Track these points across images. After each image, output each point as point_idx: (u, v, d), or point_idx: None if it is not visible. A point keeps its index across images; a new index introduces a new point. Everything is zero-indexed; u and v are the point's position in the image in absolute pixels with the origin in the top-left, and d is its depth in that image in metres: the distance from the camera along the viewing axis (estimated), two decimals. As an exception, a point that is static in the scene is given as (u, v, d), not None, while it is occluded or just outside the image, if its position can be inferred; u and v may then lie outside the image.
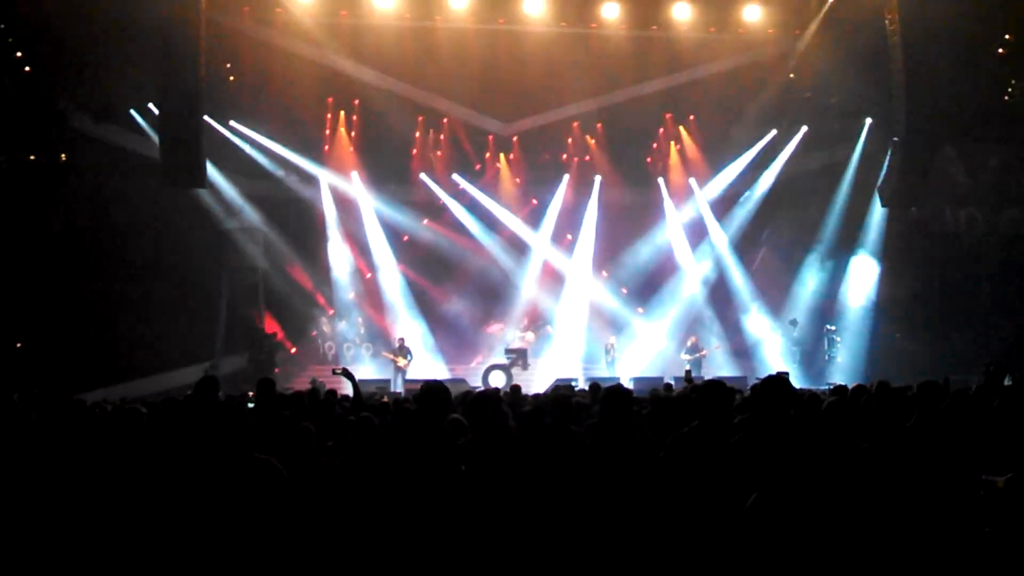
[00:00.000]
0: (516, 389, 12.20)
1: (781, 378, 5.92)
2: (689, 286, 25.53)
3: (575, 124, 25.68)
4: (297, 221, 24.49)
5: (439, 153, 25.68)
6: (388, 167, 25.04)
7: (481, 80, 24.02)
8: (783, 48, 24.24)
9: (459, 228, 25.66)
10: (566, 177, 25.96)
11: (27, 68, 19.41)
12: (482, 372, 22.17)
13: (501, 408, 6.61)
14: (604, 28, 23.41)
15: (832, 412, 7.14)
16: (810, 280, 24.58)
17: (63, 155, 20.64)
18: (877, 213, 23.47)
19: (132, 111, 20.91)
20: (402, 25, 23.09)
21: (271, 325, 23.26)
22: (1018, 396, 6.92)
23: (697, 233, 25.92)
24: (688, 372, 18.60)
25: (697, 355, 23.93)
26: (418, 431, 5.64)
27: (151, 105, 20.55)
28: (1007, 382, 8.42)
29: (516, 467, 5.77)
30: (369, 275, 25.21)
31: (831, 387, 18.12)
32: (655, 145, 26.37)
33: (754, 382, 7.61)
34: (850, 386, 10.65)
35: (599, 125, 25.71)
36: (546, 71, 24.07)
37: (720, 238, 25.62)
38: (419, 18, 23.06)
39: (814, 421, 7.00)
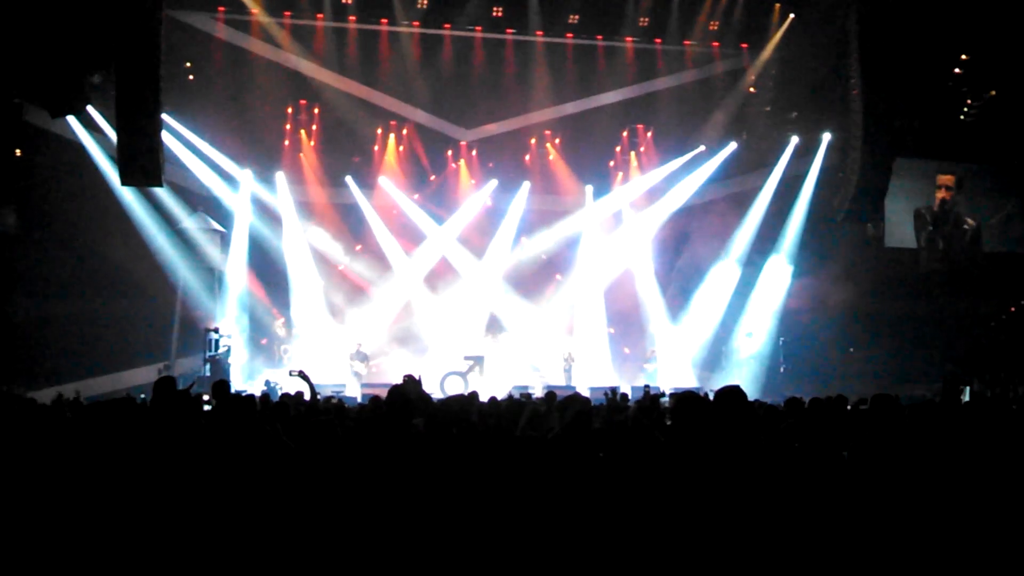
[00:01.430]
0: (474, 395, 12.16)
1: (736, 390, 5.89)
2: (648, 295, 25.60)
3: (535, 132, 25.75)
4: (256, 222, 24.32)
5: (399, 157, 25.58)
6: (348, 170, 24.94)
7: (442, 86, 24.14)
8: (743, 62, 24.51)
9: (417, 232, 25.63)
10: (526, 184, 25.96)
11: (-18, 62, 19.13)
12: (439, 378, 22.13)
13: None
14: (561, 37, 23.80)
15: (788, 425, 7.16)
16: (767, 292, 24.69)
17: (18, 151, 20.35)
18: (834, 228, 23.66)
19: (90, 107, 20.66)
20: (361, 29, 23.27)
21: (231, 324, 23.10)
22: (979, 410, 6.97)
23: (657, 242, 26.00)
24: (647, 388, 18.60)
25: (655, 365, 24.05)
26: (388, 433, 5.64)
27: (110, 102, 20.31)
28: (965, 397, 8.50)
29: (479, 471, 5.74)
30: (326, 277, 25.07)
31: (786, 399, 18.26)
32: (612, 163, 26.52)
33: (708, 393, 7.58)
34: (805, 399, 10.66)
35: (558, 134, 25.82)
36: (507, 79, 24.25)
37: (680, 247, 25.70)
38: (377, 22, 23.21)
39: (770, 434, 7.00)
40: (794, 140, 24.44)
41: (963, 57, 22.22)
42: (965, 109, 23.21)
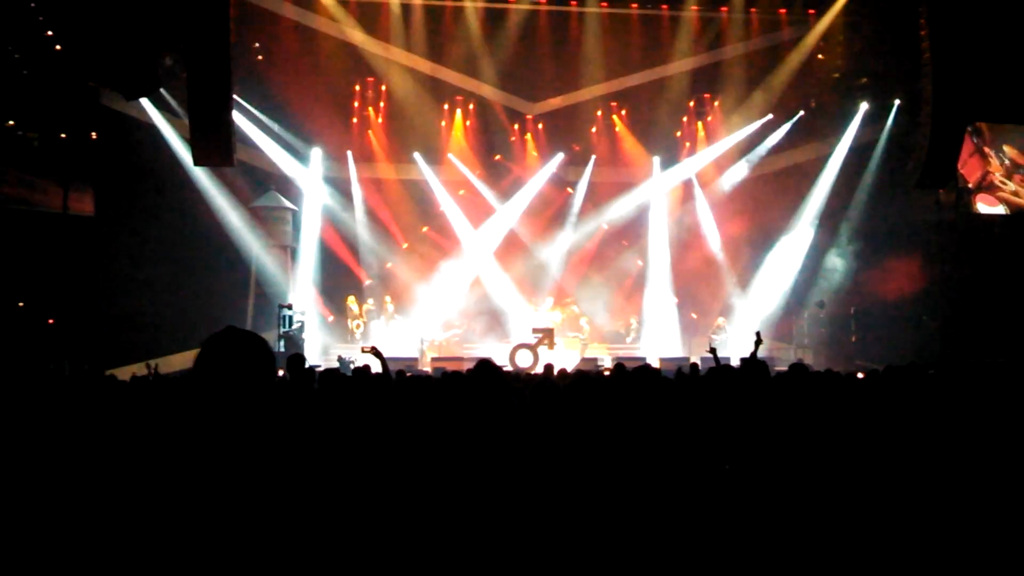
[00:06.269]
0: (549, 369, 12.33)
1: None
2: (718, 265, 25.45)
3: (601, 104, 25.67)
4: (327, 200, 24.60)
5: (466, 133, 25.67)
6: (415, 147, 25.09)
7: (507, 60, 24.15)
8: (810, 28, 24.14)
9: (485, 207, 25.74)
10: (593, 157, 25.92)
11: (58, 46, 19.48)
12: (508, 352, 22.25)
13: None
14: (630, 8, 23.66)
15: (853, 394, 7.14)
16: (837, 262, 24.39)
17: (94, 133, 20.70)
18: (904, 195, 23.25)
19: (162, 89, 20.99)
20: (429, 4, 23.35)
21: (304, 301, 23.44)
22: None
23: (727, 211, 25.82)
24: (714, 350, 18.52)
25: (724, 336, 23.91)
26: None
27: (182, 83, 20.60)
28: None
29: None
30: (396, 255, 25.28)
31: (857, 368, 18.13)
32: (681, 127, 26.31)
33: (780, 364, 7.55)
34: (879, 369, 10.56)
35: (624, 105, 25.71)
36: (571, 51, 24.21)
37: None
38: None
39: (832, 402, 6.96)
40: (863, 106, 24.06)
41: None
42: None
